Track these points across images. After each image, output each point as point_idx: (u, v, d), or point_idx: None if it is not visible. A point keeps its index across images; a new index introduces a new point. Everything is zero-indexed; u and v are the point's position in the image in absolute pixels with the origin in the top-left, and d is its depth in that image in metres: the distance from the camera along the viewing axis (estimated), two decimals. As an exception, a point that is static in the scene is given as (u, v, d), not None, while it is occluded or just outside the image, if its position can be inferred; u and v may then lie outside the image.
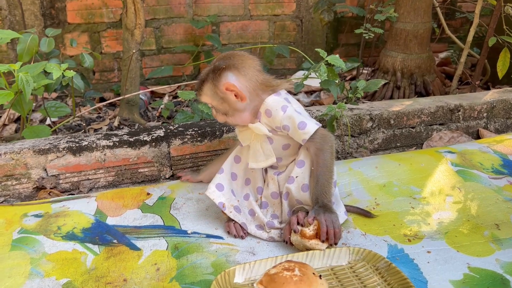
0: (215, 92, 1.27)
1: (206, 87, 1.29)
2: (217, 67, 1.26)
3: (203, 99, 1.31)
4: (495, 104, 2.08)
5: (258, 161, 1.34)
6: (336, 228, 1.20)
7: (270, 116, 1.28)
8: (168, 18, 2.84)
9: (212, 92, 1.28)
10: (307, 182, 1.30)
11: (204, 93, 1.30)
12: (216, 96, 1.28)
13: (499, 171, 1.66)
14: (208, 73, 1.28)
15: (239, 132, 1.38)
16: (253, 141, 1.34)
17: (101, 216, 1.44)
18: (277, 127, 1.29)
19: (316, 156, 1.28)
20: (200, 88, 1.30)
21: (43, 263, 1.22)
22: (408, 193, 1.54)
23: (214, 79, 1.26)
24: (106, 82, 2.84)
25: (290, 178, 1.32)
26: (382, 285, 1.10)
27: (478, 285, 1.11)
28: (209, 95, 1.29)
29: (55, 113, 2.00)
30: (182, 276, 1.16)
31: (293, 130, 1.27)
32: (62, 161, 1.61)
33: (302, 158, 1.31)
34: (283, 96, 1.31)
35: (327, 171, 1.26)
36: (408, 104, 2.01)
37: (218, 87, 1.26)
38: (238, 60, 1.27)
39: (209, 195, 1.35)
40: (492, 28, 2.29)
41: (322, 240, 1.19)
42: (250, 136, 1.34)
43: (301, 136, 1.27)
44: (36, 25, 2.58)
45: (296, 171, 1.31)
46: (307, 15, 3.06)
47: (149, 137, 1.68)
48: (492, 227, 1.35)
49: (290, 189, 1.32)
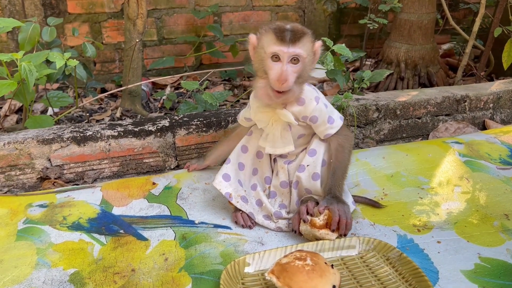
0: (311, 47, 1.23)
1: (306, 39, 1.20)
2: (301, 28, 1.22)
3: (297, 50, 1.17)
4: (501, 95, 2.07)
5: (275, 147, 1.32)
6: (348, 219, 1.20)
7: (303, 104, 1.27)
8: (170, 8, 2.80)
9: (310, 46, 1.22)
10: (318, 171, 1.29)
11: (302, 44, 1.19)
12: (310, 52, 1.23)
13: (507, 161, 1.65)
14: (303, 28, 1.22)
15: (258, 113, 1.32)
16: (272, 126, 1.31)
17: (106, 206, 1.42)
18: (304, 117, 1.28)
19: (336, 151, 1.29)
20: (299, 38, 1.18)
21: (49, 253, 1.21)
22: (416, 184, 1.53)
23: (311, 35, 1.23)
24: (107, 73, 2.81)
25: (301, 166, 1.31)
26: (393, 275, 1.09)
27: (490, 275, 1.11)
28: (306, 48, 1.20)
29: (57, 103, 1.97)
30: (191, 266, 1.15)
31: (321, 122, 1.28)
32: (66, 151, 1.59)
33: (314, 147, 1.30)
34: (312, 87, 1.32)
35: (344, 167, 1.29)
36: (414, 94, 1.99)
37: (314, 43, 1.24)
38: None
39: (216, 186, 1.34)
40: (497, 18, 2.28)
41: (333, 230, 1.18)
42: (269, 120, 1.31)
43: (327, 130, 1.28)
44: (36, 15, 2.54)
45: (308, 159, 1.30)
46: (310, 6, 3.03)
47: (154, 127, 1.66)
48: (501, 217, 1.34)
49: (300, 177, 1.30)
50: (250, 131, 1.40)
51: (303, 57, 1.19)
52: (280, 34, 1.17)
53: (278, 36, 1.17)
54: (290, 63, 1.18)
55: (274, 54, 1.18)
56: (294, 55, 1.17)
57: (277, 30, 1.18)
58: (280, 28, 1.19)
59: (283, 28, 1.18)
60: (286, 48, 1.16)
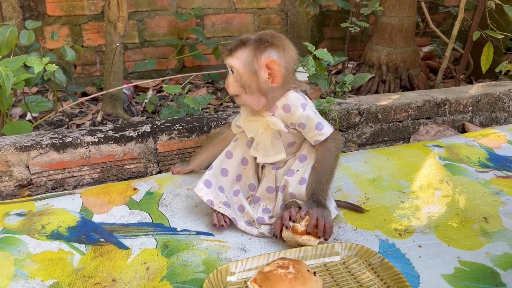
0: (251, 61, 1.20)
1: (243, 52, 1.20)
2: (264, 39, 1.20)
3: (231, 62, 1.21)
4: (480, 98, 2.10)
5: (267, 155, 1.31)
6: (327, 223, 1.20)
7: (289, 111, 1.26)
8: (152, 10, 2.78)
9: (248, 60, 1.20)
10: (306, 177, 1.29)
11: (237, 56, 1.21)
12: (250, 66, 1.20)
13: (486, 164, 1.68)
14: (251, 40, 1.21)
15: (247, 122, 1.32)
16: (262, 135, 1.30)
17: (86, 213, 1.40)
18: (291, 124, 1.28)
19: (323, 155, 1.29)
20: (235, 49, 1.21)
21: (27, 264, 1.18)
22: (398, 187, 1.54)
23: (258, 49, 1.19)
24: (88, 76, 2.78)
25: (290, 171, 1.32)
26: (375, 280, 1.10)
27: (469, 279, 1.12)
28: (242, 60, 1.20)
29: (36, 108, 1.94)
30: (173, 275, 1.14)
31: (309, 129, 1.27)
32: (45, 158, 1.56)
33: (304, 153, 1.31)
34: (300, 94, 1.30)
35: (329, 172, 1.27)
36: (395, 98, 2.01)
37: (259, 58, 1.19)
38: (286, 44, 1.25)
39: (197, 192, 1.33)
40: (476, 22, 2.31)
41: (308, 232, 1.18)
42: (258, 128, 1.30)
43: (316, 137, 1.27)
44: (14, 17, 2.49)
45: (297, 165, 1.31)
46: (292, 9, 3.04)
47: (135, 133, 1.64)
48: (480, 220, 1.36)
49: (288, 181, 1.30)
50: (235, 137, 1.40)
51: (235, 68, 1.22)
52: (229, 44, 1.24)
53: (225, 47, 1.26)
54: (232, 72, 1.24)
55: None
56: (229, 66, 1.23)
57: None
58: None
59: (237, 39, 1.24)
60: (225, 58, 1.24)
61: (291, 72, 1.27)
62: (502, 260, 1.18)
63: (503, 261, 1.18)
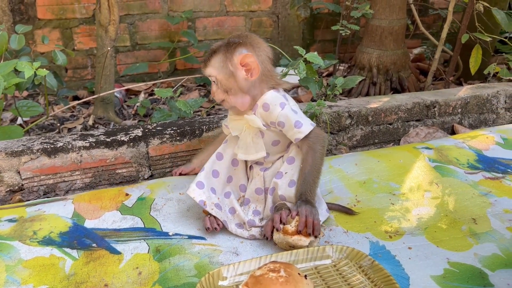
0: (225, 65, 1.25)
1: (216, 59, 1.26)
2: (232, 42, 1.26)
3: (208, 71, 1.28)
4: (469, 100, 2.13)
5: (248, 153, 1.33)
6: (315, 219, 1.21)
7: (268, 110, 1.28)
8: (143, 13, 2.78)
9: (222, 64, 1.25)
10: (295, 179, 1.31)
11: (211, 65, 1.27)
12: (225, 69, 1.25)
13: (475, 166, 1.70)
14: (221, 45, 1.27)
15: (232, 121, 1.36)
16: (244, 133, 1.33)
17: (78, 219, 1.40)
18: (271, 122, 1.30)
19: (306, 154, 1.30)
20: (209, 59, 1.27)
21: (19, 270, 1.18)
22: (388, 190, 1.56)
23: (228, 51, 1.25)
24: (80, 80, 2.77)
25: (278, 173, 1.33)
26: (366, 282, 1.11)
27: (458, 280, 1.14)
28: (217, 67, 1.26)
29: (27, 113, 1.93)
30: (165, 280, 1.14)
31: (288, 127, 1.29)
32: (36, 163, 1.56)
33: (292, 155, 1.32)
34: (281, 93, 1.33)
35: (315, 171, 1.28)
36: (385, 100, 2.03)
37: (231, 59, 1.25)
38: (254, 40, 1.29)
39: (190, 194, 1.33)
40: (464, 25, 2.34)
41: (299, 231, 1.20)
42: (242, 127, 1.33)
43: (295, 135, 1.29)
44: (4, 21, 2.48)
45: (286, 167, 1.32)
46: (284, 11, 3.06)
47: (126, 137, 1.64)
48: (469, 221, 1.38)
49: (277, 183, 1.32)
50: (226, 139, 1.41)
51: (214, 76, 1.27)
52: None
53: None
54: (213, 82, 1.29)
55: None
56: (208, 76, 1.29)
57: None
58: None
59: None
60: (203, 70, 1.30)
61: (268, 66, 1.31)
62: (490, 261, 1.20)
63: (491, 262, 1.20)
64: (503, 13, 2.24)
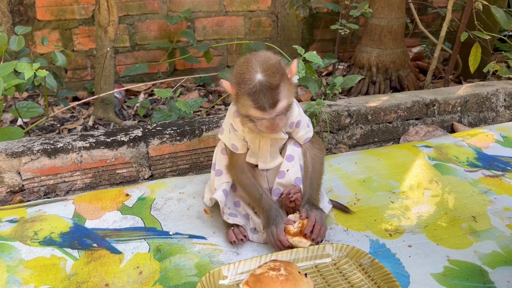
0: (289, 84, 1.15)
1: (284, 86, 1.12)
2: (274, 64, 1.11)
3: (280, 106, 1.12)
4: (468, 98, 2.13)
5: (267, 162, 1.33)
6: (323, 226, 1.22)
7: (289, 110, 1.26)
8: (142, 14, 2.78)
9: (288, 86, 1.14)
10: (300, 176, 1.31)
11: (282, 97, 1.12)
12: (290, 89, 1.15)
13: (474, 164, 1.71)
14: (276, 74, 1.10)
15: (247, 133, 1.28)
16: (261, 143, 1.29)
17: (79, 219, 1.40)
18: (291, 124, 1.30)
19: (313, 161, 1.33)
20: (279, 95, 1.11)
21: (20, 271, 1.18)
22: (388, 188, 1.56)
23: (284, 74, 1.13)
24: (79, 80, 2.77)
25: (280, 172, 1.32)
26: (366, 280, 1.11)
27: (458, 277, 1.14)
28: (286, 92, 1.12)
29: (27, 114, 1.93)
30: (165, 279, 1.15)
31: (303, 125, 1.31)
32: (36, 164, 1.56)
33: (290, 153, 1.32)
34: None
35: (320, 176, 1.33)
36: (385, 99, 2.03)
37: (289, 78, 1.15)
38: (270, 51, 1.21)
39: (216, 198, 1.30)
40: (463, 23, 2.34)
41: (305, 234, 1.20)
42: (256, 137, 1.28)
43: (307, 134, 1.32)
44: (3, 23, 2.48)
45: (286, 165, 1.31)
46: (283, 11, 3.06)
47: (126, 137, 1.65)
48: (469, 219, 1.38)
49: (282, 183, 1.32)
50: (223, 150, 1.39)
51: (287, 106, 1.15)
52: (257, 103, 1.10)
53: (256, 105, 1.10)
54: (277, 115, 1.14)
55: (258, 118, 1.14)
56: (276, 113, 1.13)
57: (252, 97, 1.10)
58: (255, 94, 1.09)
59: (258, 94, 1.09)
60: (268, 114, 1.12)
61: None
62: (490, 259, 1.20)
63: (491, 259, 1.20)
64: (502, 11, 2.24)
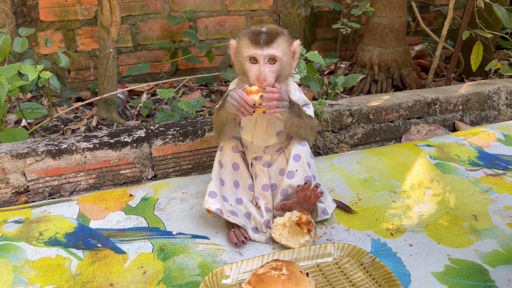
0: (288, 48, 1.28)
1: (282, 39, 1.26)
2: (276, 27, 1.28)
3: (274, 50, 1.23)
4: (470, 97, 2.14)
5: (262, 140, 1.37)
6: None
7: (290, 94, 1.33)
8: (144, 14, 2.79)
9: (286, 45, 1.27)
10: (310, 174, 1.32)
11: (277, 44, 1.24)
12: (288, 52, 1.28)
13: (475, 163, 1.71)
14: (279, 29, 1.27)
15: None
16: (256, 123, 1.35)
17: (83, 219, 1.42)
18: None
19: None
20: (275, 38, 1.24)
21: (26, 271, 1.20)
22: (389, 187, 1.57)
23: (288, 37, 1.28)
24: (82, 81, 2.79)
25: (289, 172, 1.33)
26: (367, 280, 1.12)
27: (459, 276, 1.15)
28: (282, 47, 1.26)
29: (31, 115, 1.95)
30: (169, 279, 1.16)
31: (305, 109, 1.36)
32: (41, 165, 1.58)
33: (297, 152, 1.33)
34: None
35: (308, 123, 1.34)
36: (386, 98, 2.04)
37: (291, 44, 1.29)
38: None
39: (205, 205, 1.33)
40: (465, 22, 2.34)
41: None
42: (254, 116, 1.34)
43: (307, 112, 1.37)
44: (7, 24, 2.50)
45: (294, 164, 1.32)
46: (284, 10, 3.06)
47: (129, 138, 1.66)
48: (470, 218, 1.39)
49: (292, 185, 1.32)
50: (220, 147, 1.41)
51: (279, 57, 1.24)
52: (254, 38, 1.23)
53: (252, 40, 1.23)
54: (267, 64, 1.24)
55: (251, 57, 1.24)
56: (270, 56, 1.24)
57: (251, 34, 1.24)
58: (254, 31, 1.25)
59: (258, 31, 1.25)
60: (261, 50, 1.23)
61: None
62: (491, 257, 1.21)
63: (492, 258, 1.21)
64: (504, 9, 2.24)
